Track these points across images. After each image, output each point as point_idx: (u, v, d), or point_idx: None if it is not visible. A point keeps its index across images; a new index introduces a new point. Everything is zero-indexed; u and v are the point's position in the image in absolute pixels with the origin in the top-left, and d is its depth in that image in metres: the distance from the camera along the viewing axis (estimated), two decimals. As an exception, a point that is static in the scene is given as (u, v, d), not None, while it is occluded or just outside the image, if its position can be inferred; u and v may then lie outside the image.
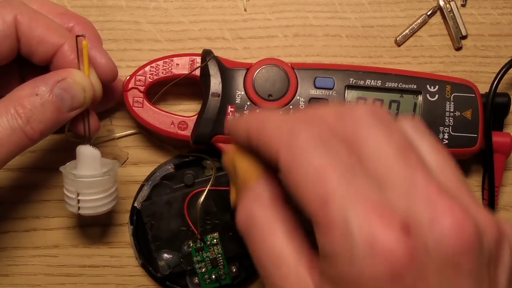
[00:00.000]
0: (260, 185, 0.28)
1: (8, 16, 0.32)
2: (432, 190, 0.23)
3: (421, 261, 0.22)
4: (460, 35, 0.41)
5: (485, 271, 0.23)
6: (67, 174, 0.34)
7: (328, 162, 0.23)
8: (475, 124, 0.38)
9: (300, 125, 0.25)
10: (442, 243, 0.22)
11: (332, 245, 0.23)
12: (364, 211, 0.22)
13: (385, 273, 0.22)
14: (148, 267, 0.39)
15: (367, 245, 0.22)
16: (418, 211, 0.23)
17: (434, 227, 0.22)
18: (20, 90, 0.32)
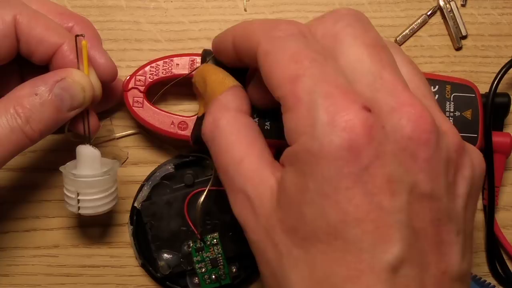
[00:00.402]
0: (228, 95, 0.30)
1: (8, 15, 0.32)
2: (397, 85, 0.25)
3: (378, 140, 0.23)
4: (460, 35, 0.41)
5: (442, 170, 0.25)
6: (67, 174, 0.34)
7: (303, 49, 0.25)
8: (475, 124, 0.38)
9: (282, 21, 0.27)
10: (399, 128, 0.24)
11: (297, 120, 0.24)
12: (330, 90, 0.24)
13: (343, 146, 0.23)
14: (148, 267, 0.39)
15: (329, 119, 0.23)
16: (381, 99, 0.24)
17: (394, 113, 0.24)
18: (20, 90, 0.32)
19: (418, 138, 0.24)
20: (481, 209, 0.41)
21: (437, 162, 0.24)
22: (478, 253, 0.41)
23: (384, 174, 0.23)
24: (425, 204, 0.24)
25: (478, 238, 0.41)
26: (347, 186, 0.23)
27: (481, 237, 0.41)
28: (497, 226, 0.40)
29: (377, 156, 0.23)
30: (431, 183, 0.24)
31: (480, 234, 0.41)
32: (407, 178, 0.24)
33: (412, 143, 0.24)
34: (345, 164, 0.23)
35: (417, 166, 0.24)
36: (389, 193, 0.23)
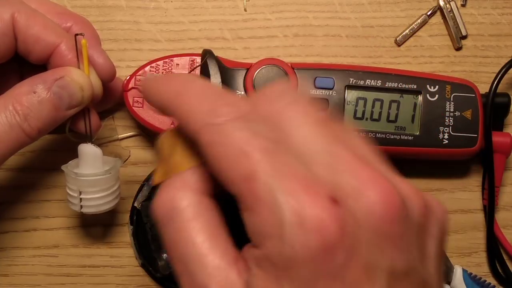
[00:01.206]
0: (193, 173, 0.26)
1: (6, 14, 0.32)
2: (354, 162, 0.23)
3: (352, 232, 0.22)
4: (460, 35, 0.41)
5: (414, 239, 0.24)
6: (69, 173, 0.34)
7: (251, 138, 0.23)
8: (475, 124, 0.38)
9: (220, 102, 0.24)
10: (370, 213, 0.22)
11: (261, 223, 0.22)
12: (290, 185, 0.22)
13: (318, 247, 0.21)
14: (148, 267, 0.39)
15: (297, 220, 0.21)
16: (344, 183, 0.23)
17: (361, 197, 0.22)
18: (18, 88, 0.32)
19: (390, 218, 0.23)
20: (481, 209, 0.41)
21: (409, 235, 0.23)
22: (478, 253, 0.41)
23: (360, 264, 0.22)
24: (404, 282, 0.23)
25: (478, 238, 0.41)
26: (325, 285, 0.21)
27: (481, 237, 0.41)
28: (497, 226, 0.40)
29: (352, 250, 0.22)
30: (407, 259, 0.23)
31: (480, 234, 0.41)
32: (384, 261, 0.22)
33: (384, 223, 0.22)
34: (321, 266, 0.21)
35: (391, 245, 0.23)
36: (368, 282, 0.22)
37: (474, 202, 0.41)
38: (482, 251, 0.41)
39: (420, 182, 0.41)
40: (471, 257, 0.41)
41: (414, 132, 0.38)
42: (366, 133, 0.38)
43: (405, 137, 0.38)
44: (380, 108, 0.38)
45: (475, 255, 0.41)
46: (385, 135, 0.38)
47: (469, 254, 0.41)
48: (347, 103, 0.38)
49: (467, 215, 0.41)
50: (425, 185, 0.41)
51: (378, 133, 0.38)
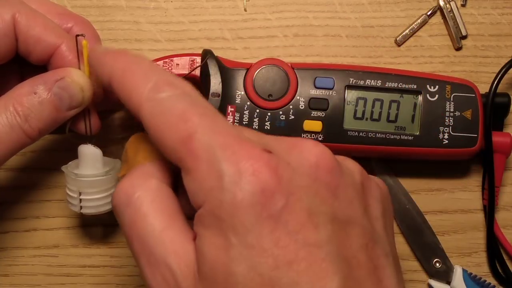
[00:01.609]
0: (154, 165, 0.27)
1: (7, 14, 0.32)
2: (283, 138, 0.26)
3: (287, 177, 0.23)
4: (460, 35, 0.41)
5: (355, 195, 0.25)
6: (69, 174, 0.34)
7: (190, 106, 0.24)
8: (475, 124, 0.38)
9: (164, 81, 0.26)
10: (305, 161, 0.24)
11: (201, 179, 0.23)
12: (226, 140, 0.23)
13: (256, 190, 0.22)
14: (148, 267, 0.39)
15: (235, 169, 0.22)
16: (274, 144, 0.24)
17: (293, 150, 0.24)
18: (19, 88, 0.32)
19: (325, 166, 0.24)
20: (481, 209, 0.41)
21: (348, 187, 0.25)
22: (478, 253, 0.41)
23: (302, 209, 0.22)
24: (348, 231, 0.24)
25: (478, 238, 0.41)
26: (269, 230, 0.22)
27: (481, 237, 0.41)
28: (497, 226, 0.40)
29: (291, 193, 0.23)
30: (348, 208, 0.24)
31: (480, 234, 0.41)
32: (325, 208, 0.23)
33: (319, 172, 0.24)
34: (263, 208, 0.22)
35: (331, 194, 0.24)
36: (312, 227, 0.22)
37: (474, 202, 0.41)
38: (482, 251, 0.41)
39: (420, 182, 0.41)
40: (471, 257, 0.41)
41: (414, 132, 0.38)
42: (366, 133, 0.38)
43: (405, 137, 0.38)
44: (380, 108, 0.38)
45: (475, 255, 0.41)
46: (385, 135, 0.38)
47: (469, 254, 0.41)
48: (347, 103, 0.38)
49: (467, 215, 0.41)
50: (425, 185, 0.41)
51: (378, 133, 0.38)
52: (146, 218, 0.25)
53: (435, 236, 0.40)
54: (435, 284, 0.40)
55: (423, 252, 0.40)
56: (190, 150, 0.23)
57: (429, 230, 0.40)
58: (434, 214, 0.41)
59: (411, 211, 0.40)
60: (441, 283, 0.40)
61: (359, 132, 0.37)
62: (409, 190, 0.41)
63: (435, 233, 0.40)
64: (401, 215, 0.40)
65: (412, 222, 0.40)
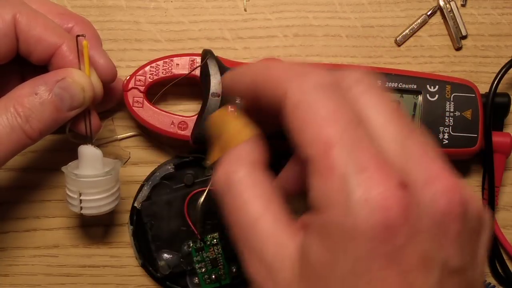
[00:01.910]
0: (244, 147, 0.27)
1: (7, 15, 0.32)
2: (426, 154, 0.24)
3: (413, 219, 0.22)
4: (460, 35, 0.41)
5: (468, 241, 0.24)
6: (69, 174, 0.34)
7: (338, 109, 0.23)
8: (475, 124, 0.38)
9: (312, 69, 0.25)
10: (434, 204, 0.23)
11: (328, 190, 0.23)
12: (365, 161, 0.22)
13: (379, 225, 0.22)
14: (148, 267, 0.39)
15: (365, 196, 0.22)
16: (414, 171, 0.23)
17: (428, 187, 0.23)
18: (20, 89, 0.32)
19: (451, 213, 0.23)
20: (481, 209, 0.41)
21: (466, 235, 0.24)
22: (478, 253, 0.41)
23: (418, 252, 0.22)
24: (454, 279, 0.23)
25: (478, 238, 0.41)
26: (380, 266, 0.22)
27: (481, 237, 0.41)
28: (497, 226, 0.40)
29: (412, 236, 0.22)
30: (461, 257, 0.24)
31: (480, 234, 0.41)
32: (440, 254, 0.23)
33: (445, 218, 0.23)
34: (380, 244, 0.22)
35: (449, 240, 0.23)
36: (422, 271, 0.22)
37: (474, 202, 0.41)
38: (482, 251, 0.41)
39: (420, 182, 0.41)
40: (471, 257, 0.41)
41: (414, 132, 0.38)
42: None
43: (405, 137, 0.38)
44: (380, 108, 0.38)
45: (475, 255, 0.41)
46: (385, 135, 0.38)
47: (469, 254, 0.41)
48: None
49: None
50: (425, 185, 0.41)
51: (378, 133, 0.38)
52: (243, 206, 0.26)
53: (435, 236, 0.40)
54: (435, 284, 0.40)
55: (423, 252, 0.40)
56: (328, 157, 0.23)
57: (429, 230, 0.40)
58: (434, 214, 0.41)
59: (411, 211, 0.40)
60: (441, 283, 0.39)
61: None
62: (409, 190, 0.41)
63: (435, 233, 0.40)
64: (401, 215, 0.40)
65: (412, 222, 0.40)
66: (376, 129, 0.24)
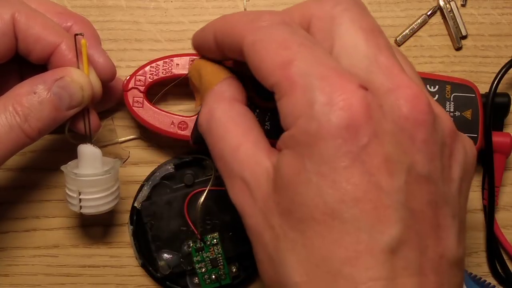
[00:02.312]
0: (222, 85, 0.30)
1: (6, 14, 0.32)
2: (393, 68, 0.25)
3: (376, 119, 0.23)
4: (460, 35, 0.41)
5: (438, 152, 0.25)
6: (69, 173, 0.34)
7: (290, 35, 0.25)
8: (475, 124, 0.38)
9: (264, 12, 0.27)
10: (397, 108, 0.24)
11: (294, 105, 0.24)
12: (324, 71, 0.23)
13: (342, 124, 0.22)
14: (148, 267, 0.39)
15: (327, 99, 0.23)
16: (376, 81, 0.24)
17: (390, 93, 0.24)
18: (19, 88, 0.32)
19: (415, 119, 0.24)
20: (481, 209, 0.41)
21: (433, 144, 0.24)
22: (478, 253, 0.41)
23: (382, 154, 0.23)
24: (422, 186, 0.24)
25: (478, 238, 0.41)
26: (345, 165, 0.22)
27: (481, 237, 0.41)
28: (497, 226, 0.40)
29: (376, 135, 0.23)
30: (428, 164, 0.24)
31: (480, 234, 0.41)
32: (405, 159, 0.23)
33: (409, 123, 0.24)
34: (344, 143, 0.22)
35: (415, 147, 0.24)
36: (387, 173, 0.23)
37: (474, 202, 0.41)
38: (482, 251, 0.41)
39: (420, 182, 0.41)
40: (471, 257, 0.41)
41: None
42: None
43: (405, 137, 0.38)
44: (380, 108, 0.38)
45: (475, 255, 0.41)
46: (385, 135, 0.38)
47: (469, 254, 0.41)
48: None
49: (467, 215, 0.41)
50: (425, 185, 0.41)
51: (378, 133, 0.38)
52: (223, 137, 0.28)
53: (435, 236, 0.40)
54: (435, 284, 0.39)
55: (423, 252, 0.40)
56: (288, 75, 0.24)
57: (429, 230, 0.40)
58: (434, 214, 0.41)
59: (411, 211, 0.40)
60: (441, 283, 0.39)
61: None
62: (409, 190, 0.41)
63: (435, 233, 0.40)
64: (401, 215, 0.40)
65: (412, 222, 0.40)
66: (346, 48, 0.25)
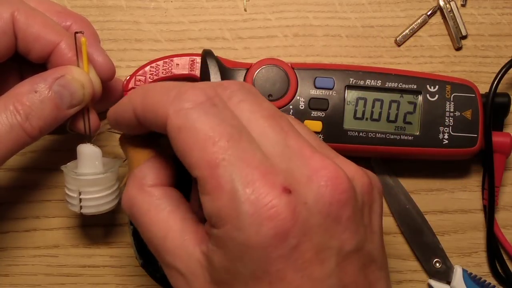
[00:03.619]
0: (142, 170, 0.29)
1: (6, 13, 0.32)
2: (305, 150, 0.25)
3: (302, 219, 0.23)
4: (460, 35, 0.41)
5: (361, 218, 0.26)
6: (68, 173, 0.34)
7: (218, 125, 0.24)
8: (475, 124, 0.38)
9: (186, 88, 0.25)
10: (320, 198, 0.24)
11: (219, 209, 0.24)
12: (250, 174, 0.23)
13: (270, 234, 0.23)
14: (148, 267, 0.39)
15: (253, 211, 0.23)
16: (296, 170, 0.24)
17: (311, 183, 0.24)
18: (19, 87, 0.32)
19: (339, 201, 0.24)
20: (481, 209, 0.41)
21: (357, 214, 0.25)
22: (478, 253, 0.41)
23: (312, 247, 0.23)
24: (352, 260, 0.25)
25: (478, 238, 0.41)
26: (277, 268, 0.23)
27: (481, 237, 0.41)
28: (497, 226, 0.40)
29: (304, 234, 0.23)
30: (355, 237, 0.25)
31: (480, 234, 0.41)
32: (334, 243, 0.24)
33: (334, 207, 0.24)
34: (274, 250, 0.23)
35: (341, 227, 0.24)
36: (318, 263, 0.24)
37: (474, 202, 0.41)
38: (482, 251, 0.41)
39: (420, 182, 0.41)
40: (471, 257, 0.41)
41: (414, 132, 0.38)
42: (366, 133, 0.38)
43: (405, 137, 0.38)
44: (380, 108, 0.38)
45: (475, 255, 0.41)
46: (385, 135, 0.38)
47: (469, 254, 0.41)
48: (347, 103, 0.38)
49: (467, 215, 0.41)
50: (425, 185, 0.41)
51: (378, 133, 0.38)
52: (148, 228, 0.27)
53: (435, 236, 0.40)
54: (435, 284, 0.40)
55: (423, 252, 0.40)
56: (215, 176, 0.23)
57: (429, 230, 0.40)
58: (434, 214, 0.41)
59: (411, 211, 0.40)
60: (441, 283, 0.39)
61: (359, 132, 0.37)
62: (409, 190, 0.41)
63: (435, 233, 0.40)
64: (401, 215, 0.40)
65: (412, 222, 0.40)
66: (257, 136, 0.25)
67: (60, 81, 0.32)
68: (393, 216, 0.41)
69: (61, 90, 0.32)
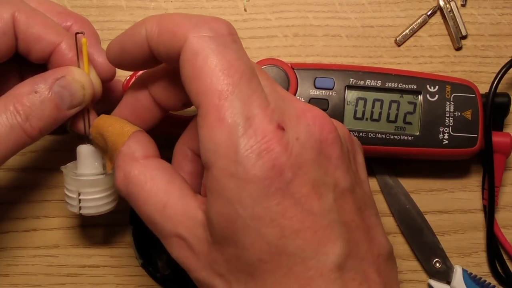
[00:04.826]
0: (130, 145, 0.29)
1: (6, 13, 0.32)
2: (289, 96, 0.27)
3: (297, 152, 0.24)
4: (460, 35, 0.41)
5: (349, 162, 0.27)
6: (68, 173, 0.34)
7: (235, 59, 0.25)
8: (475, 124, 0.38)
9: (210, 19, 0.26)
10: (311, 135, 0.25)
11: (217, 141, 0.24)
12: (253, 110, 0.24)
13: (267, 166, 0.24)
14: (148, 267, 0.39)
15: (250, 144, 0.24)
16: (286, 109, 0.25)
17: (300, 122, 0.25)
18: (20, 88, 0.32)
19: (327, 139, 0.26)
20: (481, 209, 0.41)
21: (345, 157, 0.26)
22: (478, 253, 0.41)
23: (308, 182, 0.24)
24: (348, 198, 0.26)
25: (478, 238, 0.41)
26: (277, 202, 0.24)
27: (481, 237, 0.41)
28: (497, 226, 0.40)
29: (299, 167, 0.24)
30: (347, 176, 0.26)
31: (480, 234, 0.41)
32: (328, 179, 0.25)
33: (324, 145, 0.25)
34: (272, 183, 0.23)
35: (333, 165, 0.25)
36: (316, 198, 0.24)
37: (474, 202, 0.41)
38: (482, 251, 0.41)
39: (420, 182, 0.41)
40: (471, 257, 0.41)
41: (414, 132, 0.38)
42: (366, 133, 0.38)
43: (405, 137, 0.38)
44: (380, 108, 0.38)
45: (475, 255, 0.41)
46: (385, 135, 0.38)
47: (469, 254, 0.41)
48: (347, 103, 0.38)
49: (467, 215, 0.41)
50: (425, 185, 0.41)
51: (378, 133, 0.38)
52: (147, 200, 0.27)
53: (435, 236, 0.40)
54: (435, 284, 0.40)
55: (423, 252, 0.40)
56: (220, 108, 0.24)
57: (429, 230, 0.40)
58: (434, 214, 0.41)
59: (411, 211, 0.40)
60: (441, 283, 0.40)
61: (359, 132, 0.38)
62: (409, 190, 0.41)
63: (435, 233, 0.40)
64: (401, 215, 0.40)
65: (412, 222, 0.40)
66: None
67: (61, 82, 0.32)
68: (393, 216, 0.41)
69: (61, 91, 0.32)
